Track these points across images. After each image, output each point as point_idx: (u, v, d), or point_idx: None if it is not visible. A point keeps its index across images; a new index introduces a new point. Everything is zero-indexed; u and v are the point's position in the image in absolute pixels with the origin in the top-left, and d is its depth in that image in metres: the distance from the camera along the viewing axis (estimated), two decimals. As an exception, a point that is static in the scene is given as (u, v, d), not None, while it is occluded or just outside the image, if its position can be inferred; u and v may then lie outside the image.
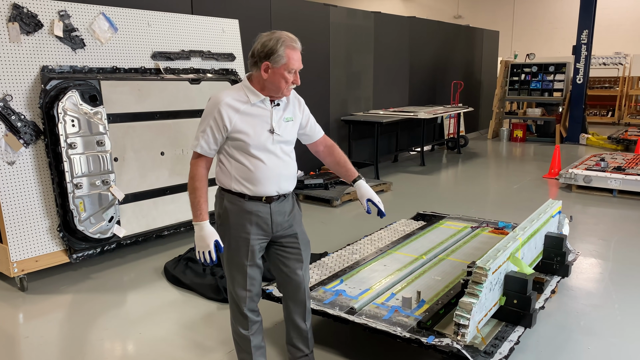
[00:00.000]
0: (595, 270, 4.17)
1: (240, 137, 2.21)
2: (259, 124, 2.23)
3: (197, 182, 2.28)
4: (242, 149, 2.23)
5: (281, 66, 2.16)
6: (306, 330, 2.55)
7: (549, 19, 17.40)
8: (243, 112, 2.21)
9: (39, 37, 3.87)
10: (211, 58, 5.08)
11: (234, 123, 2.20)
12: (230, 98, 2.21)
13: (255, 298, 2.43)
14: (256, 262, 2.36)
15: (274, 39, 2.16)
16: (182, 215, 4.71)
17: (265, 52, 2.16)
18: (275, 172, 2.27)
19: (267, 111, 2.26)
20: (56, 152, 3.83)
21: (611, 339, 3.10)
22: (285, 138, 2.30)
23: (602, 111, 15.19)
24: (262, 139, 2.23)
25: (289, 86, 2.23)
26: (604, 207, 6.10)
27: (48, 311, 3.56)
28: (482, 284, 2.51)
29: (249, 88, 2.24)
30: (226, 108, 2.19)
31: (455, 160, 9.49)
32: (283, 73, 2.17)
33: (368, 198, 2.48)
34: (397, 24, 9.35)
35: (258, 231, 2.31)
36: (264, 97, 2.24)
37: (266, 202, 2.29)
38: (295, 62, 2.18)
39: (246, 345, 2.48)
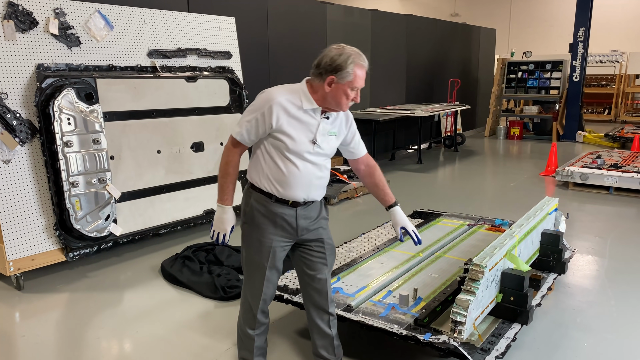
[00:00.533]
0: (592, 268, 4.18)
1: (282, 139, 2.19)
2: (303, 132, 2.20)
3: (231, 169, 2.30)
4: (280, 150, 2.22)
5: (346, 83, 2.14)
6: (332, 336, 2.50)
7: (545, 16, 17.43)
8: (292, 115, 2.18)
9: (35, 35, 3.85)
10: (207, 56, 5.07)
11: (280, 123, 2.17)
12: (284, 98, 2.18)
13: (269, 301, 2.44)
14: (276, 265, 2.36)
15: (344, 54, 2.13)
16: (179, 214, 4.70)
17: (333, 67, 2.13)
18: (306, 180, 2.26)
19: (316, 121, 2.23)
20: (52, 151, 3.82)
21: (607, 335, 3.11)
22: (324, 151, 2.29)
23: (599, 109, 15.23)
24: (302, 147, 2.21)
25: (349, 102, 2.21)
26: (601, 205, 6.11)
27: (44, 310, 3.55)
28: (478, 281, 2.52)
29: (305, 94, 2.22)
30: (278, 107, 2.16)
31: (452, 158, 9.50)
32: (346, 89, 2.15)
33: (402, 226, 2.50)
34: (394, 22, 9.35)
35: (282, 233, 2.31)
36: (316, 107, 2.21)
37: (292, 205, 2.29)
38: (360, 81, 2.17)
39: (249, 344, 2.48)
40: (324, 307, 2.47)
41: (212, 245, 4.36)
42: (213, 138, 4.95)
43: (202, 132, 4.88)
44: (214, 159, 4.96)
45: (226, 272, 3.86)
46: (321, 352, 2.52)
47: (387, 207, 2.54)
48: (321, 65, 2.16)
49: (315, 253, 2.41)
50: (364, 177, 2.58)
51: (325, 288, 2.45)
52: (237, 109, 5.18)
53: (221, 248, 4.26)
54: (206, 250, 4.28)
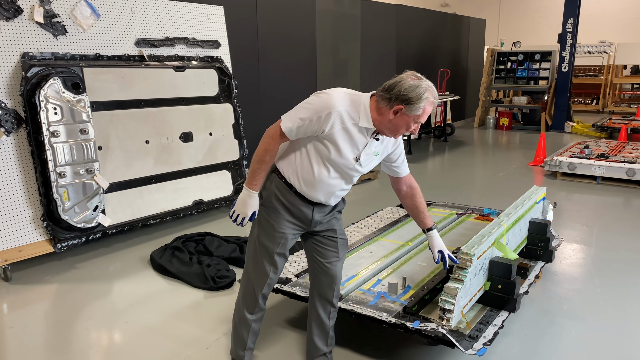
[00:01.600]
0: (578, 256, 4.23)
1: (329, 147, 2.17)
2: (350, 147, 2.18)
3: (268, 157, 2.23)
4: (321, 155, 2.20)
5: (412, 116, 2.10)
6: (328, 327, 2.54)
7: (535, 7, 17.47)
8: (346, 128, 2.14)
9: (19, 23, 3.79)
10: (196, 45, 5.02)
11: (332, 132, 2.13)
12: (344, 109, 2.13)
13: (273, 285, 2.46)
14: (284, 252, 2.37)
15: (420, 88, 2.07)
16: (168, 204, 4.68)
17: (405, 98, 2.06)
18: (331, 189, 2.28)
19: (365, 140, 2.20)
20: (38, 141, 3.78)
21: (593, 322, 3.16)
22: (362, 170, 2.29)
23: (587, 99, 15.34)
24: (345, 161, 2.20)
25: (405, 133, 2.19)
26: (588, 194, 6.17)
27: (32, 301, 3.53)
28: (467, 270, 2.53)
29: (366, 110, 2.15)
30: (336, 116, 2.11)
31: (441, 148, 9.54)
32: (410, 122, 2.11)
33: (439, 249, 2.59)
34: (384, 12, 9.32)
35: (296, 222, 2.34)
36: (371, 127, 2.16)
37: (309, 203, 2.32)
38: (425, 117, 2.13)
39: (245, 328, 2.50)
40: (329, 298, 2.49)
41: (202, 235, 4.36)
42: (202, 128, 4.92)
43: (191, 122, 4.84)
44: (203, 149, 4.93)
45: (216, 262, 3.86)
46: (315, 341, 2.54)
47: (425, 230, 2.61)
48: (393, 91, 2.08)
49: (328, 242, 2.44)
50: (405, 197, 2.58)
51: (335, 279, 2.47)
52: (226, 99, 5.15)
53: (211, 239, 4.25)
54: (196, 240, 4.27)
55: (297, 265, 3.28)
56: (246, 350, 2.57)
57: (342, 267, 2.57)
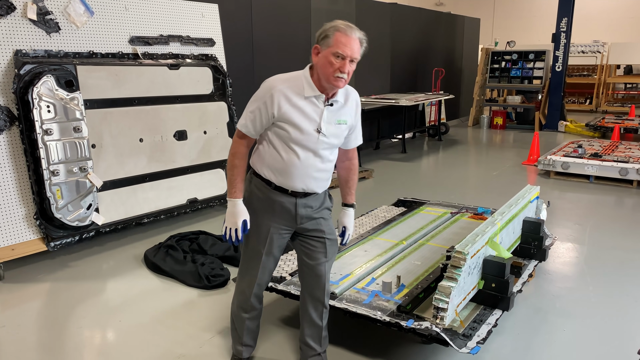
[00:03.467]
0: (572, 254, 4.25)
1: (285, 128, 2.16)
2: (307, 120, 2.17)
3: (237, 160, 2.25)
4: (283, 139, 2.19)
5: (328, 49, 2.10)
6: (321, 327, 2.53)
7: (529, 7, 17.53)
8: (294, 103, 2.15)
9: (12, 20, 3.76)
10: (190, 43, 5.00)
11: (282, 112, 2.14)
12: (285, 86, 2.15)
13: (263, 286, 2.46)
14: (272, 252, 2.36)
15: (331, 23, 2.13)
16: (162, 203, 4.66)
17: (319, 35, 2.14)
18: (306, 171, 2.24)
19: (319, 109, 2.19)
20: (31, 139, 3.75)
21: (585, 320, 3.18)
22: (330, 141, 2.24)
23: (581, 99, 15.41)
24: (305, 136, 2.18)
25: (336, 74, 2.11)
26: (581, 193, 6.21)
27: (25, 300, 3.51)
28: (460, 268, 2.54)
29: (307, 80, 2.18)
30: (279, 95, 2.13)
31: (436, 147, 9.56)
32: (329, 56, 2.09)
33: (344, 225, 2.54)
34: (379, 11, 9.32)
35: (281, 221, 2.31)
36: (319, 94, 2.17)
37: (292, 195, 2.28)
38: (341, 47, 2.08)
39: (240, 326, 2.53)
40: (320, 298, 2.48)
41: (196, 234, 4.34)
42: (196, 126, 4.91)
43: (185, 120, 4.83)
44: (197, 148, 4.92)
45: (210, 261, 3.85)
46: (307, 340, 2.54)
47: (344, 204, 2.56)
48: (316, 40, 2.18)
49: (315, 243, 2.41)
50: (342, 169, 2.52)
51: (323, 279, 2.45)
52: (221, 97, 5.13)
53: (205, 237, 4.24)
54: (190, 239, 4.26)
55: (292, 264, 3.28)
56: (244, 346, 2.58)
57: (332, 267, 2.55)
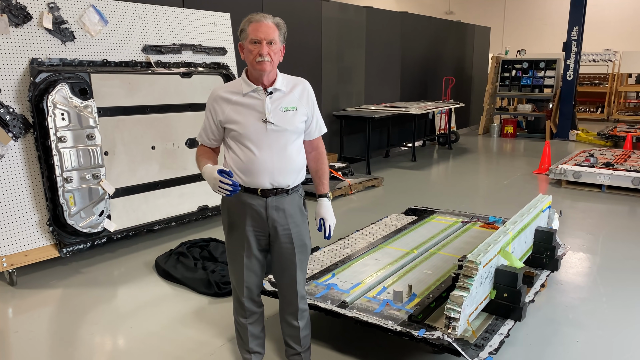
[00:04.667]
0: (584, 265, 4.21)
1: (232, 127, 2.26)
2: (251, 114, 2.25)
3: (199, 156, 2.38)
4: (235, 139, 2.27)
5: (246, 40, 2.21)
6: (298, 328, 2.53)
7: (539, 15, 17.49)
8: (235, 102, 2.26)
9: (28, 30, 3.82)
10: (202, 52, 5.05)
11: (226, 114, 2.26)
12: (224, 90, 2.29)
13: (254, 289, 2.45)
14: (253, 253, 2.37)
15: (245, 19, 2.26)
16: (173, 210, 4.69)
17: (239, 34, 2.27)
18: (267, 165, 2.24)
19: (260, 101, 2.25)
20: (46, 146, 3.80)
21: (599, 331, 3.14)
22: (282, 127, 2.25)
23: (592, 107, 15.31)
24: (254, 129, 2.23)
25: (257, 58, 2.17)
26: (593, 202, 6.16)
27: (38, 306, 3.54)
28: (473, 278, 2.53)
29: (244, 79, 2.30)
30: (219, 100, 2.28)
31: (446, 155, 9.53)
32: (248, 46, 2.21)
33: (321, 217, 2.44)
34: (389, 19, 9.35)
35: (253, 223, 2.33)
36: (256, 87, 2.25)
37: (262, 195, 2.28)
38: (255, 32, 2.18)
39: (244, 332, 2.54)
40: (293, 302, 2.48)
41: (207, 241, 4.36)
42: (208, 134, 4.94)
43: (196, 128, 4.86)
44: (209, 155, 4.95)
45: (220, 268, 3.86)
46: (287, 341, 2.57)
47: (318, 196, 2.48)
48: None
49: (283, 250, 2.38)
50: (311, 160, 2.49)
51: (294, 285, 2.44)
52: (232, 105, 5.16)
53: (215, 244, 4.26)
54: (200, 246, 4.28)
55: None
56: (252, 354, 2.58)
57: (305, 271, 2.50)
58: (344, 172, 6.93)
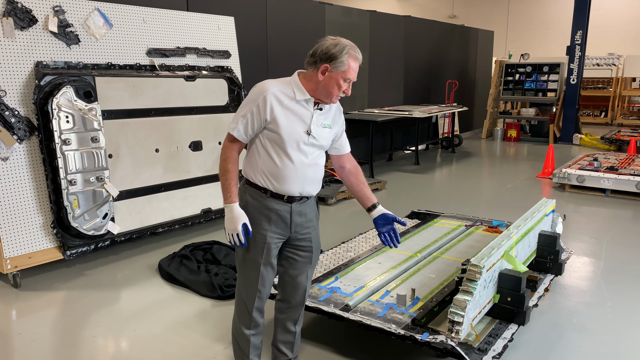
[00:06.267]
0: (588, 269, 4.20)
1: (277, 131, 2.18)
2: (298, 123, 2.20)
3: (230, 165, 2.25)
4: (276, 143, 2.20)
5: (339, 73, 2.15)
6: (295, 334, 2.51)
7: (543, 19, 17.48)
8: (286, 106, 2.19)
9: (33, 33, 3.84)
10: (207, 55, 5.07)
11: (275, 114, 2.17)
12: (277, 89, 2.19)
13: (264, 299, 2.40)
14: (270, 261, 2.33)
15: (340, 45, 2.15)
16: (177, 213, 4.70)
17: (328, 55, 2.14)
18: (301, 174, 2.25)
19: (309, 112, 2.23)
20: (50, 148, 3.81)
21: (603, 336, 3.13)
22: (319, 143, 2.28)
23: (596, 111, 15.29)
24: (297, 138, 2.20)
25: (339, 94, 2.21)
26: (597, 207, 6.14)
27: (41, 308, 3.55)
28: (476, 282, 2.53)
29: (297, 84, 2.22)
30: (271, 97, 2.17)
31: (449, 159, 9.52)
32: (338, 79, 2.16)
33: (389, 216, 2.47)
34: (393, 23, 9.36)
35: (276, 229, 2.29)
36: (309, 97, 2.21)
37: (287, 201, 2.27)
38: (352, 73, 2.18)
39: (245, 344, 2.45)
40: (298, 306, 2.46)
41: (210, 244, 4.37)
42: (211, 137, 4.96)
43: (200, 131, 4.88)
44: (212, 158, 4.96)
45: (223, 271, 3.86)
46: (280, 347, 2.52)
47: (371, 206, 2.48)
48: (316, 54, 2.17)
49: (303, 253, 2.39)
50: (349, 175, 2.52)
51: (304, 288, 2.43)
52: (236, 109, 5.17)
53: (219, 247, 4.26)
54: (204, 249, 4.28)
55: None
56: None
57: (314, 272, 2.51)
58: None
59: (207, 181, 4.93)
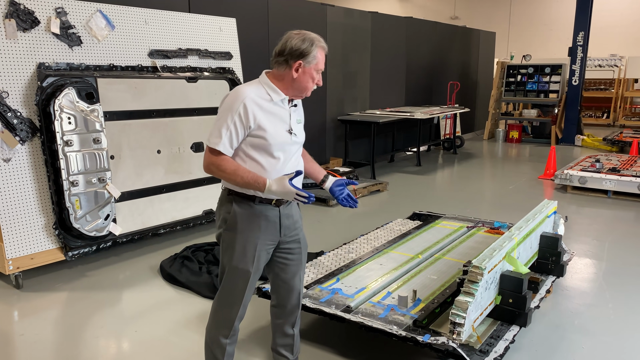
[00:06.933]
0: (590, 270, 4.19)
1: (262, 135, 2.13)
2: (279, 124, 2.19)
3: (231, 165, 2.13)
4: (261, 147, 2.16)
5: (312, 66, 2.16)
6: (293, 336, 2.49)
7: (545, 20, 17.47)
8: (266, 109, 2.15)
9: (36, 34, 3.85)
10: (208, 56, 5.07)
11: (258, 120, 2.12)
12: (253, 93, 2.15)
13: (247, 305, 2.35)
14: (260, 269, 2.29)
15: (307, 39, 2.14)
16: (178, 214, 4.70)
17: (299, 52, 2.12)
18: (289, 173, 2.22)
19: (286, 111, 2.22)
20: (52, 150, 3.82)
21: (605, 338, 3.12)
22: (300, 139, 2.28)
23: (598, 113, 15.27)
24: (282, 139, 2.18)
25: (314, 87, 2.22)
26: (599, 208, 6.13)
27: (43, 309, 3.55)
28: (478, 283, 2.52)
29: (269, 85, 2.19)
30: (251, 103, 2.11)
31: (451, 160, 9.52)
32: (312, 73, 2.17)
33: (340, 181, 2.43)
34: (394, 24, 9.37)
35: (267, 236, 2.25)
36: (284, 97, 2.20)
37: (275, 205, 2.24)
38: (322, 64, 2.20)
39: (221, 352, 2.38)
40: (294, 309, 2.44)
41: (212, 245, 4.37)
42: (213, 138, 4.96)
43: (202, 133, 4.88)
44: (214, 160, 4.96)
45: (225, 272, 3.86)
46: (280, 350, 2.50)
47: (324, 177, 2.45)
48: (285, 52, 2.14)
49: (293, 255, 2.36)
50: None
51: (298, 290, 2.41)
52: (237, 110, 5.18)
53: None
54: (205, 250, 4.28)
55: (307, 277, 3.28)
56: None
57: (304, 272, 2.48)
58: (348, 177, 6.93)
59: (209, 182, 4.93)
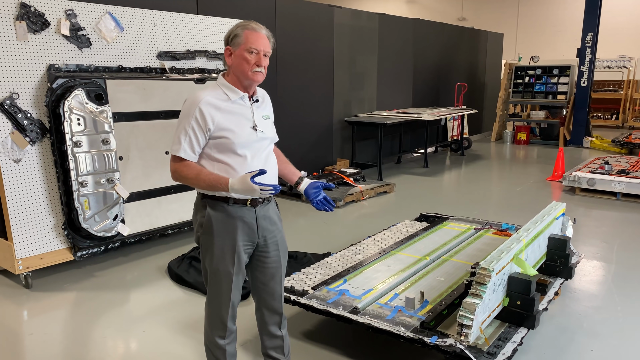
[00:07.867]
0: (598, 273, 4.16)
1: (225, 135, 2.12)
2: (241, 121, 2.16)
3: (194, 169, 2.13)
4: (226, 147, 2.14)
5: (240, 47, 2.13)
6: (282, 337, 2.46)
7: (553, 21, 17.39)
8: (224, 109, 2.14)
9: (46, 36, 3.89)
10: (216, 58, 5.09)
11: (217, 122, 2.11)
12: (209, 96, 2.13)
13: (237, 305, 2.35)
14: (242, 270, 2.27)
15: (237, 25, 2.18)
16: (186, 215, 4.72)
17: (227, 39, 2.17)
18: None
19: (248, 108, 2.21)
20: (62, 151, 3.85)
21: (613, 341, 3.10)
22: (267, 135, 2.26)
23: (606, 114, 15.17)
24: (247, 137, 2.16)
25: (254, 68, 2.14)
26: (608, 210, 6.09)
27: (52, 308, 3.58)
28: (485, 285, 2.52)
29: (225, 85, 2.18)
30: (206, 106, 2.10)
31: (458, 162, 9.49)
32: (243, 54, 2.12)
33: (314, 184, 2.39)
34: (401, 26, 9.36)
35: (244, 237, 2.20)
36: (243, 94, 2.18)
37: (251, 205, 2.21)
38: (254, 42, 2.13)
39: (221, 354, 2.38)
40: (277, 310, 2.41)
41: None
42: (220, 140, 4.98)
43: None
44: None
45: (233, 273, 3.87)
46: (270, 353, 2.47)
47: (299, 179, 2.43)
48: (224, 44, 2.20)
49: (272, 257, 2.32)
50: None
51: (279, 292, 2.39)
52: (245, 111, 5.20)
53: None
54: (213, 251, 4.29)
55: (314, 278, 3.28)
56: None
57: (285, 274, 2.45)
58: (355, 178, 6.93)
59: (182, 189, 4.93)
